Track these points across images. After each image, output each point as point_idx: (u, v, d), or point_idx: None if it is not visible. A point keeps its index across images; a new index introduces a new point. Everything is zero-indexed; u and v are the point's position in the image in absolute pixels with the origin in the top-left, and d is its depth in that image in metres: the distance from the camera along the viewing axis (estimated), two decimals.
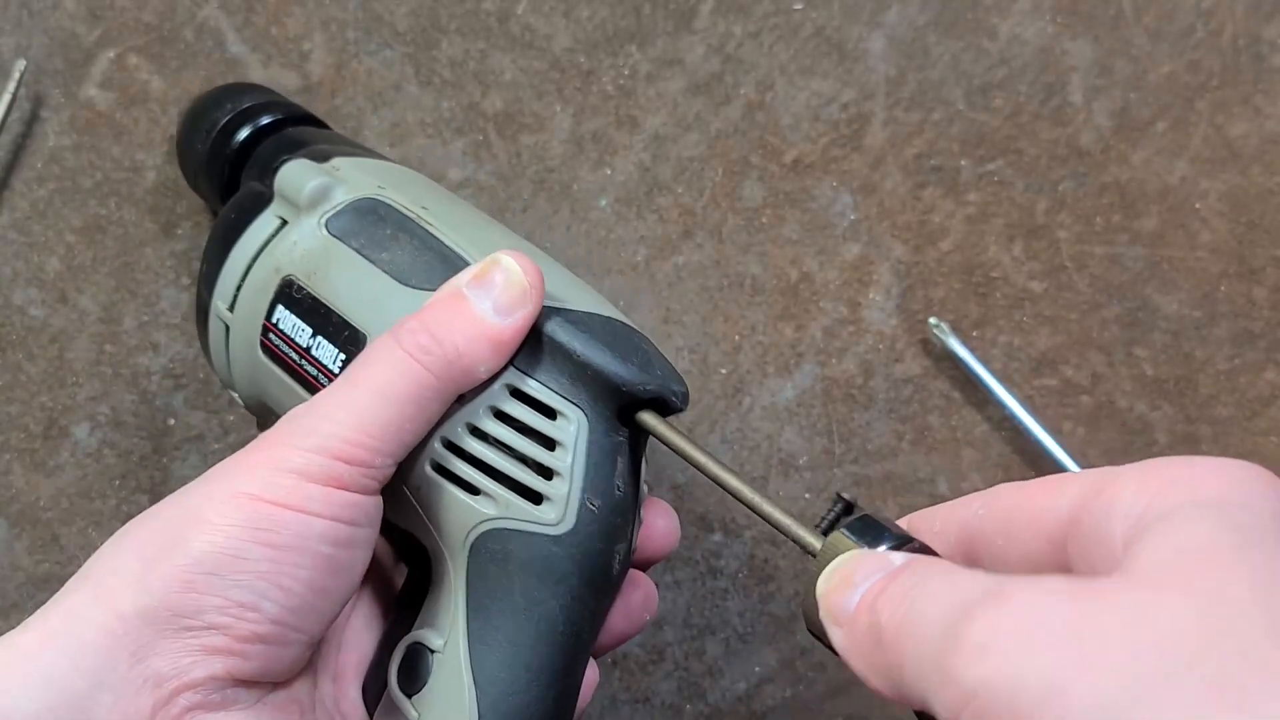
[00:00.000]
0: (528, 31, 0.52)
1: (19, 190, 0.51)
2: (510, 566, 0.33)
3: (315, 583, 0.30)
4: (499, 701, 0.32)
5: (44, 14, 0.51)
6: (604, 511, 0.33)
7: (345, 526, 0.30)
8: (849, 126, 0.52)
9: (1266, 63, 0.52)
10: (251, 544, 0.29)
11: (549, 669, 0.33)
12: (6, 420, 0.50)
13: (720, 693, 0.51)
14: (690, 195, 0.52)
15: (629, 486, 0.34)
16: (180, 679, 0.29)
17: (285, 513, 0.29)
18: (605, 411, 0.33)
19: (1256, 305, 0.51)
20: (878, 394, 0.51)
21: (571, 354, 0.33)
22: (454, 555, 0.33)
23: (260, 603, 0.29)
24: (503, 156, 0.52)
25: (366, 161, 0.40)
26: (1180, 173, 0.52)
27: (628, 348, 0.34)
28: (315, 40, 0.51)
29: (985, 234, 0.52)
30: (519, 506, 0.33)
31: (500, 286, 0.32)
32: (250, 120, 0.44)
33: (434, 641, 0.33)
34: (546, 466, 0.33)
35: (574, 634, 0.33)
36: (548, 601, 0.33)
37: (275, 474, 0.30)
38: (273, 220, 0.38)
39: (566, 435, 0.33)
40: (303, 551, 0.30)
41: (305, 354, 0.36)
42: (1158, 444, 0.51)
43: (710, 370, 0.52)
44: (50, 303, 0.50)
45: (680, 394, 0.34)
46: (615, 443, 0.33)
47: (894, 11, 0.52)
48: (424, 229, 0.36)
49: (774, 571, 0.51)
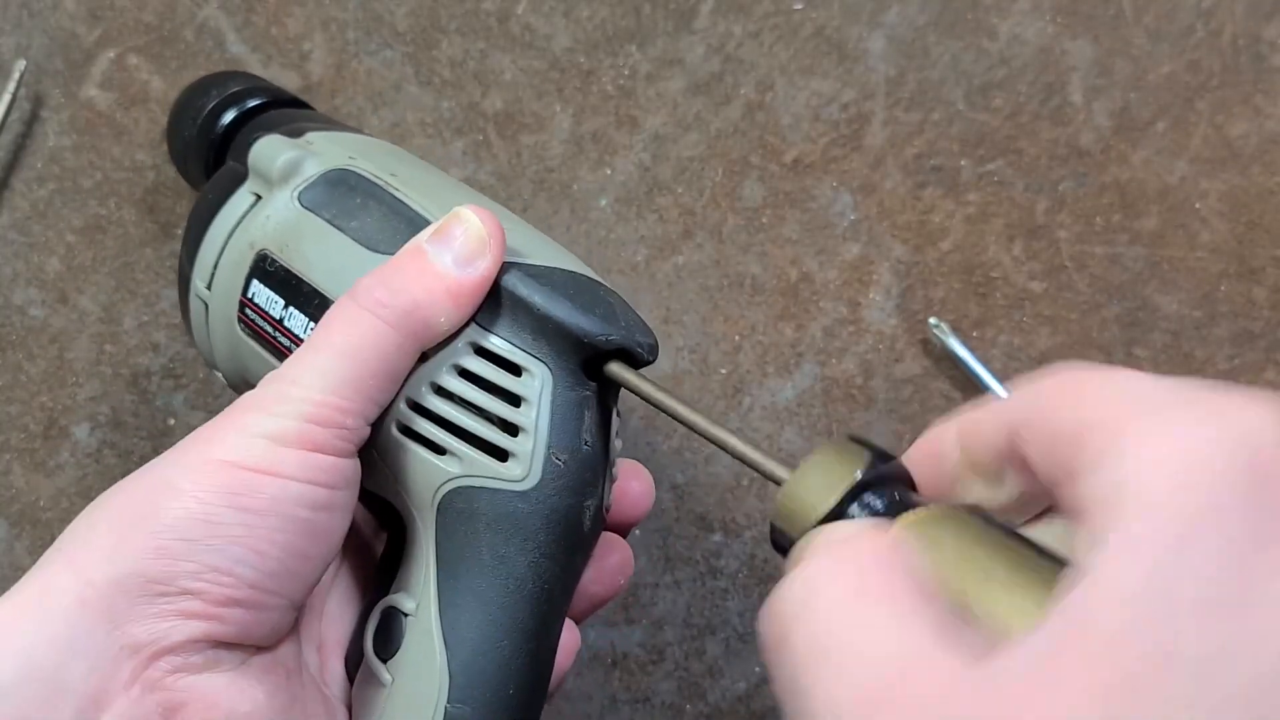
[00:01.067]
0: (528, 31, 0.52)
1: (19, 190, 0.51)
2: (478, 525, 0.32)
3: (292, 546, 0.30)
4: (470, 662, 0.32)
5: (44, 14, 0.51)
6: (571, 466, 0.33)
7: (322, 490, 0.30)
8: (849, 126, 0.52)
9: (1266, 63, 0.52)
10: (225, 508, 0.29)
11: (520, 627, 0.33)
12: (6, 420, 0.50)
13: (720, 693, 0.51)
14: (690, 195, 0.52)
15: (597, 441, 0.33)
16: (157, 644, 0.29)
17: (259, 477, 0.29)
18: (570, 365, 0.33)
19: (1256, 305, 0.51)
20: (878, 394, 0.51)
21: (533, 307, 0.32)
22: (423, 516, 0.33)
23: (235, 567, 0.29)
24: (503, 156, 0.52)
25: (339, 134, 0.40)
26: (1180, 173, 0.52)
27: (591, 300, 0.33)
28: (315, 40, 0.51)
29: (985, 234, 0.52)
30: (484, 464, 0.32)
31: (459, 239, 0.32)
32: (236, 104, 0.44)
33: (406, 605, 0.33)
34: (511, 423, 0.32)
35: (544, 591, 0.33)
36: (516, 559, 0.32)
37: (248, 439, 0.30)
38: (247, 197, 0.38)
39: (530, 390, 0.32)
40: (278, 515, 0.29)
41: (279, 325, 0.36)
42: None
43: (710, 370, 0.52)
44: (50, 303, 0.50)
45: (647, 345, 0.34)
46: (581, 396, 0.33)
47: (894, 11, 0.52)
48: (392, 195, 0.36)
49: (774, 571, 0.51)
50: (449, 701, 0.32)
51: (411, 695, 0.32)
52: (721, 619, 0.51)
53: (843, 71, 0.52)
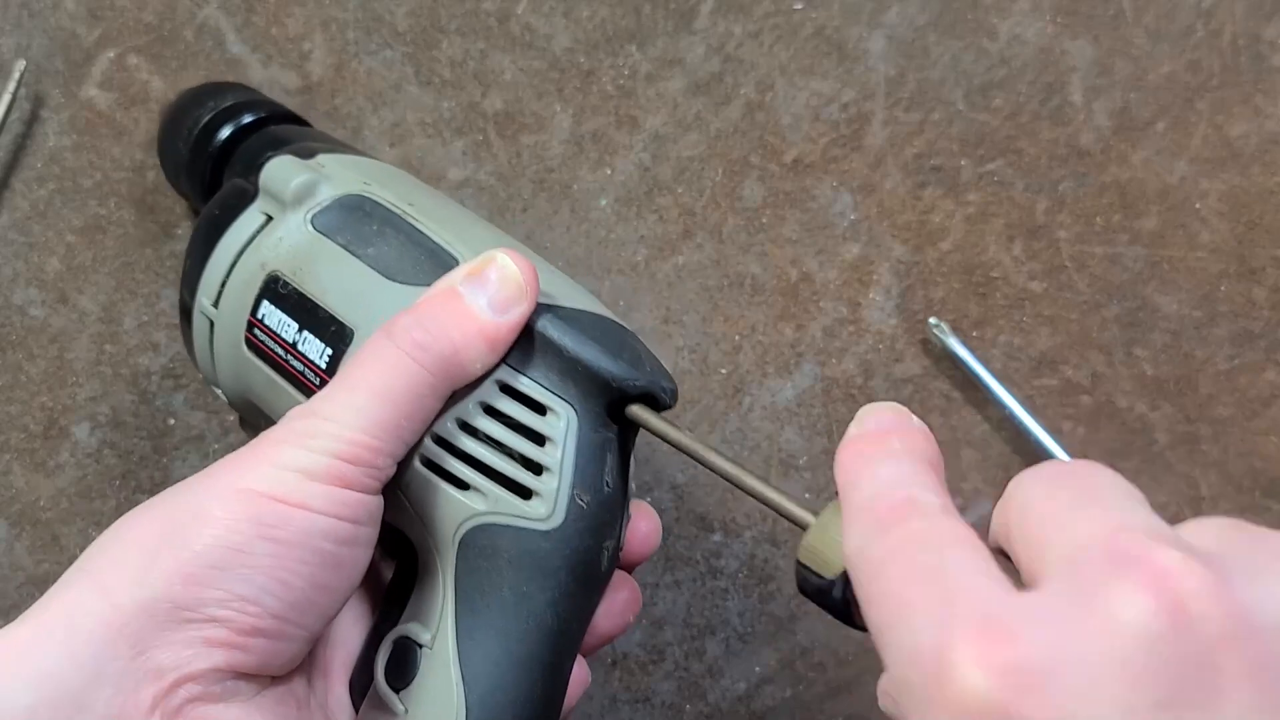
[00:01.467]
0: (528, 31, 0.52)
1: (19, 190, 0.51)
2: (499, 561, 0.33)
3: (317, 579, 0.30)
4: (487, 696, 0.32)
5: (44, 14, 0.51)
6: (593, 507, 0.33)
7: (348, 525, 0.30)
8: (849, 126, 0.52)
9: (1266, 63, 0.52)
10: (255, 538, 0.29)
11: (537, 664, 0.33)
12: (6, 420, 0.50)
13: (720, 693, 0.51)
14: (690, 195, 0.52)
15: (618, 482, 0.34)
16: (180, 671, 0.29)
17: (290, 509, 0.30)
18: (595, 407, 0.33)
19: (1256, 305, 0.51)
20: (878, 394, 0.51)
21: (562, 350, 0.33)
22: (443, 550, 0.33)
23: (262, 597, 0.29)
24: (503, 156, 0.52)
25: (351, 159, 0.40)
26: (1180, 173, 0.52)
27: (618, 345, 0.34)
28: (315, 40, 0.51)
29: (985, 234, 0.52)
30: (508, 502, 0.33)
31: (495, 283, 0.32)
32: (233, 118, 0.44)
33: (422, 636, 0.33)
34: (536, 462, 0.33)
35: (562, 629, 0.33)
36: (536, 596, 0.33)
37: (280, 471, 0.30)
38: (258, 216, 0.38)
39: (556, 431, 0.33)
40: (306, 548, 0.30)
41: (291, 349, 0.36)
42: (1157, 443, 0.51)
43: (710, 370, 0.52)
44: (50, 303, 0.50)
45: (670, 391, 0.34)
46: (604, 439, 0.33)
47: (894, 11, 0.52)
48: (410, 224, 0.36)
49: (774, 571, 0.51)
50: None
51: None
52: (721, 619, 0.51)
53: (843, 71, 0.52)
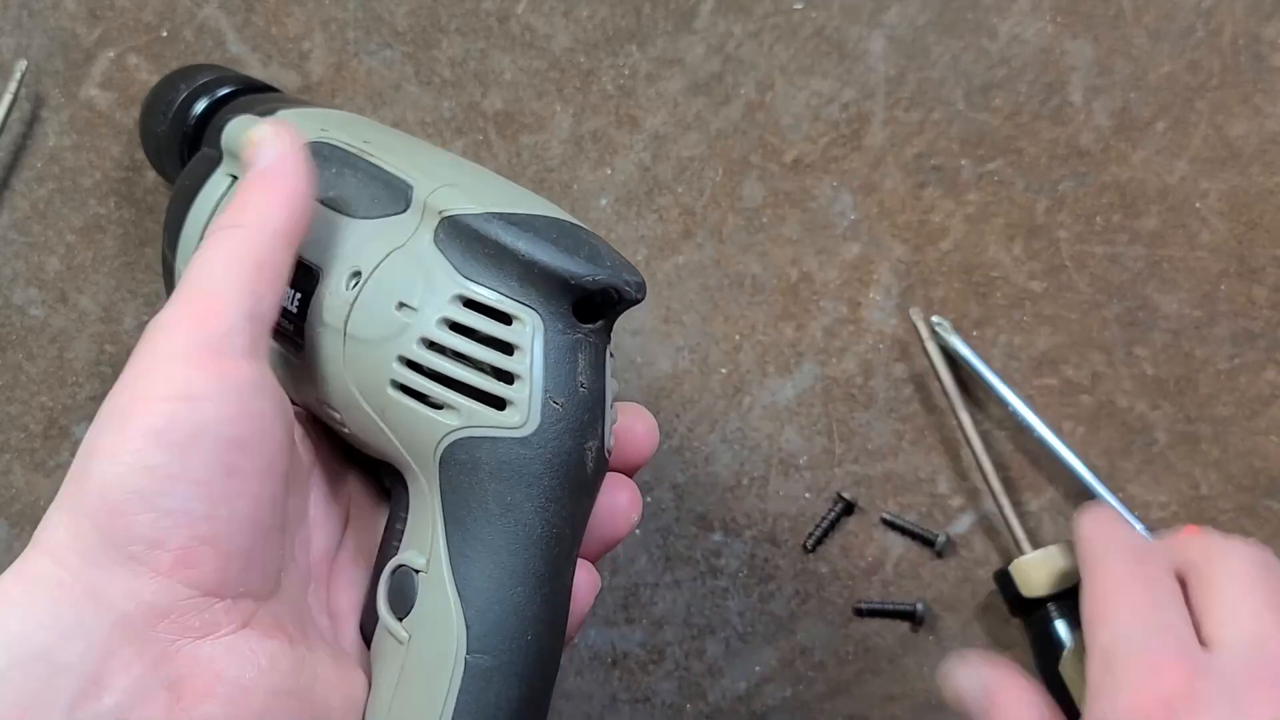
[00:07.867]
0: (528, 31, 0.52)
1: (19, 190, 0.51)
2: (481, 474, 0.33)
3: (229, 465, 0.30)
4: (485, 611, 0.32)
5: (44, 14, 0.51)
6: (569, 409, 0.33)
7: (233, 401, 0.30)
8: (849, 126, 0.52)
9: (1266, 63, 0.52)
10: (152, 449, 0.29)
11: (532, 573, 0.33)
12: (6, 420, 0.50)
13: (720, 693, 0.51)
14: (690, 195, 0.52)
15: (594, 382, 0.34)
16: (145, 609, 0.29)
17: (170, 405, 0.30)
18: (559, 309, 0.33)
19: (1256, 305, 0.51)
20: (878, 394, 0.51)
21: (517, 255, 0.33)
22: (427, 472, 0.34)
23: (187, 504, 0.29)
24: (503, 156, 0.52)
25: (310, 110, 0.40)
26: (1180, 173, 0.52)
27: (574, 242, 0.33)
28: (315, 40, 0.51)
29: (985, 234, 0.52)
30: (483, 414, 0.33)
31: (254, 147, 0.34)
32: (206, 94, 0.44)
33: (417, 561, 0.33)
34: (506, 371, 0.33)
35: (553, 535, 0.33)
36: (522, 504, 0.33)
37: (151, 372, 0.30)
38: (224, 179, 0.38)
39: (523, 338, 0.33)
40: (202, 438, 0.30)
41: None
42: (1158, 443, 0.51)
43: (710, 370, 0.52)
44: (50, 303, 0.50)
45: (634, 284, 0.34)
46: (574, 340, 0.33)
47: (894, 11, 0.52)
48: (367, 161, 0.36)
49: (774, 571, 0.51)
50: (468, 652, 0.32)
51: (430, 649, 0.33)
52: (721, 619, 0.51)
53: (843, 71, 0.52)
